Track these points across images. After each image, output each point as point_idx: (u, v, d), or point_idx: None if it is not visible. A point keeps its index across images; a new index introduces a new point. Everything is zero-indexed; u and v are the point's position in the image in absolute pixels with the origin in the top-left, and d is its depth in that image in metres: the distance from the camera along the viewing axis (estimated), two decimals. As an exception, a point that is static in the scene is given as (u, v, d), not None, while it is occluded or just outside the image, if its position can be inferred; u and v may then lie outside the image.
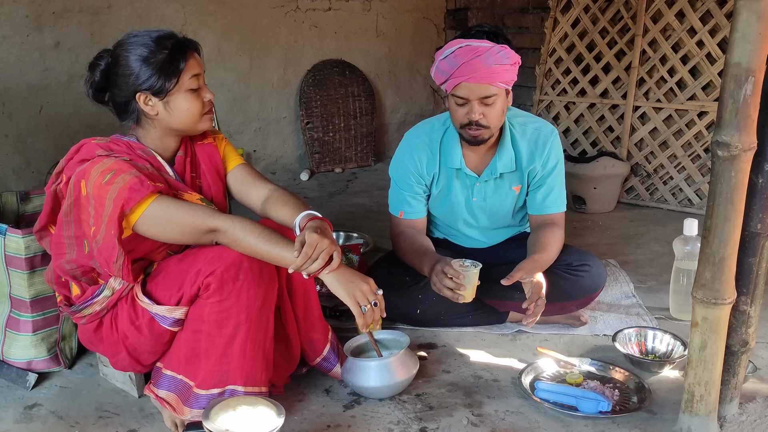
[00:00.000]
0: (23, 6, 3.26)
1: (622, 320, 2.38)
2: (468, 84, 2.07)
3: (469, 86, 2.07)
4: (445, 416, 1.86)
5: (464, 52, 2.06)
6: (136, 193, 1.64)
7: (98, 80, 1.79)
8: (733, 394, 1.78)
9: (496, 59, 2.05)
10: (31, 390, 1.99)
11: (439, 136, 2.32)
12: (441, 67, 2.12)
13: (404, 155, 2.35)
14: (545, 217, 2.33)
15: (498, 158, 2.27)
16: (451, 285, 2.03)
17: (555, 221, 2.32)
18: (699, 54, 3.59)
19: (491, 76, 2.05)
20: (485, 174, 2.30)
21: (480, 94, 2.07)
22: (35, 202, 2.31)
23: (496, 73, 2.05)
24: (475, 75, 2.05)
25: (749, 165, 1.53)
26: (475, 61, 2.04)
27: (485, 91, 2.07)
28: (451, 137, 2.30)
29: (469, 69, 2.04)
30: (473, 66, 2.04)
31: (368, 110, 4.86)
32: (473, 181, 2.33)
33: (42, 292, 2.03)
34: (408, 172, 2.34)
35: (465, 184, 2.34)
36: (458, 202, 2.37)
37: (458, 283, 2.03)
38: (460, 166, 2.29)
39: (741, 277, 1.65)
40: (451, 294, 2.05)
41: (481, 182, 2.32)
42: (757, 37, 1.42)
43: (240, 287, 1.69)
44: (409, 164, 2.33)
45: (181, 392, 1.78)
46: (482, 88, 2.07)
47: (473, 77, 2.05)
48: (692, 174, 3.68)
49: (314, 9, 4.58)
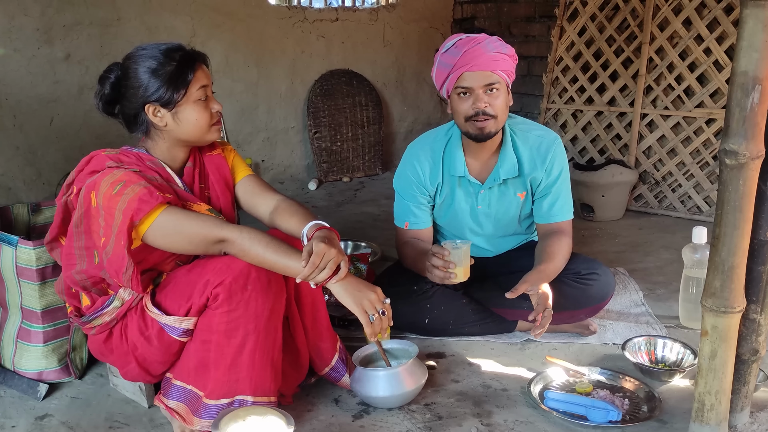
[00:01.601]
0: (34, 19, 3.30)
1: (632, 329, 2.38)
2: (471, 72, 2.12)
3: (472, 74, 2.12)
4: (454, 426, 1.85)
5: (464, 42, 2.14)
6: (146, 204, 1.65)
7: (108, 93, 1.81)
8: (744, 403, 1.77)
9: (496, 47, 2.13)
10: (42, 400, 2.00)
11: (442, 146, 2.33)
12: (444, 60, 2.18)
13: (407, 166, 2.36)
14: (552, 226, 2.33)
15: (501, 164, 2.28)
16: (438, 263, 2.01)
17: (562, 230, 2.31)
18: (706, 61, 3.59)
19: (493, 63, 2.11)
20: (489, 181, 2.31)
21: (483, 82, 2.12)
22: (46, 214, 2.33)
23: (496, 60, 2.12)
24: (477, 62, 2.11)
25: (757, 173, 1.53)
26: (476, 49, 2.11)
27: (488, 78, 2.12)
28: (453, 146, 2.31)
29: (471, 56, 2.11)
30: (475, 53, 2.11)
31: (375, 119, 4.88)
32: (477, 188, 2.33)
33: (53, 303, 2.05)
34: (411, 182, 2.35)
35: (469, 192, 2.35)
36: (463, 210, 2.38)
37: (447, 260, 2.00)
38: (463, 173, 2.30)
39: (750, 286, 1.64)
40: (443, 275, 2.02)
41: (485, 189, 2.32)
42: (763, 45, 1.42)
43: (248, 297, 1.69)
44: (412, 175, 2.34)
45: (190, 402, 1.79)
46: (485, 76, 2.12)
47: (475, 65, 2.11)
48: (701, 181, 3.67)
49: (321, 19, 4.61)
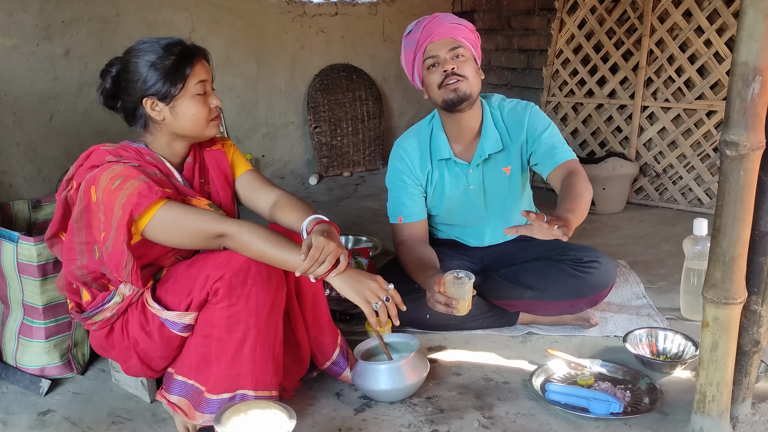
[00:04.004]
0: (33, 16, 3.29)
1: (633, 321, 2.38)
2: (434, 42, 2.22)
3: (435, 44, 2.22)
4: (456, 419, 1.85)
5: (423, 20, 2.26)
6: (145, 199, 1.65)
7: (109, 87, 1.82)
8: (746, 394, 1.77)
9: (453, 18, 2.25)
10: (45, 396, 2.01)
11: (427, 135, 2.38)
12: (408, 40, 2.28)
13: (396, 159, 2.39)
14: (561, 168, 2.24)
15: (483, 140, 2.31)
16: (442, 300, 2.00)
17: (572, 168, 2.21)
18: (707, 53, 3.58)
19: (454, 31, 2.22)
20: (475, 158, 2.33)
21: (447, 47, 2.21)
22: (46, 210, 2.33)
23: (456, 28, 2.22)
24: (437, 31, 2.21)
25: (758, 164, 1.53)
26: (435, 21, 2.24)
27: (452, 43, 2.21)
28: (437, 131, 2.35)
29: (431, 27, 2.22)
30: (434, 24, 2.23)
31: (376, 114, 4.87)
32: (465, 168, 2.35)
33: (54, 299, 2.05)
34: (401, 173, 2.37)
35: (458, 174, 2.36)
36: (456, 194, 2.38)
37: (450, 297, 1.99)
38: (449, 156, 2.33)
39: (751, 277, 1.64)
40: (445, 309, 2.01)
41: (473, 168, 2.34)
42: (763, 35, 1.42)
43: (248, 292, 1.69)
44: (401, 165, 2.37)
45: (192, 397, 1.79)
46: (448, 42, 2.21)
47: (437, 34, 2.21)
48: (702, 173, 3.66)
49: (321, 14, 4.60)
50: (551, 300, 2.26)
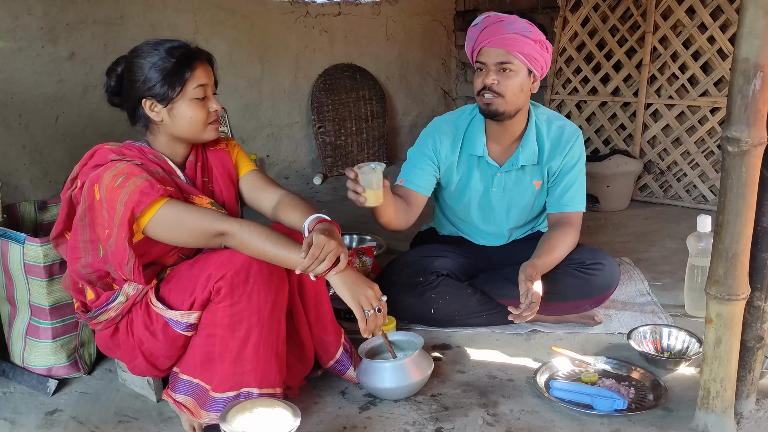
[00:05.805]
0: (38, 18, 3.31)
1: (637, 318, 2.38)
2: (487, 48, 2.16)
3: (488, 50, 2.16)
4: (461, 416, 1.86)
5: (489, 20, 2.19)
6: (146, 197, 1.67)
7: (113, 85, 1.85)
8: (750, 390, 1.77)
9: (517, 28, 2.13)
10: (52, 396, 2.02)
11: (465, 124, 2.35)
12: (470, 34, 2.23)
13: (427, 137, 2.37)
14: (562, 216, 2.32)
15: (521, 150, 2.29)
16: (350, 186, 1.90)
17: (571, 221, 2.30)
18: (710, 50, 3.57)
19: (510, 44, 2.12)
20: (507, 164, 2.32)
21: (497, 59, 2.14)
22: (52, 211, 2.35)
23: (515, 41, 2.12)
24: (494, 38, 2.13)
25: (760, 160, 1.53)
26: (496, 26, 2.14)
27: (502, 56, 2.14)
28: (476, 126, 2.33)
29: (490, 33, 2.14)
30: (494, 29, 2.14)
31: (380, 113, 4.88)
32: (494, 170, 2.34)
33: (61, 299, 2.06)
34: (427, 148, 2.34)
35: (485, 173, 2.35)
36: (477, 192, 2.38)
37: (355, 181, 1.88)
38: (482, 154, 2.31)
39: (754, 273, 1.64)
40: (354, 196, 1.90)
41: (502, 172, 2.33)
42: (764, 32, 1.42)
43: (250, 290, 1.71)
44: (430, 143, 2.34)
45: (198, 396, 1.80)
46: (499, 54, 2.14)
47: (492, 41, 2.14)
48: (706, 170, 3.66)
49: (324, 14, 4.61)
50: (555, 301, 2.26)
